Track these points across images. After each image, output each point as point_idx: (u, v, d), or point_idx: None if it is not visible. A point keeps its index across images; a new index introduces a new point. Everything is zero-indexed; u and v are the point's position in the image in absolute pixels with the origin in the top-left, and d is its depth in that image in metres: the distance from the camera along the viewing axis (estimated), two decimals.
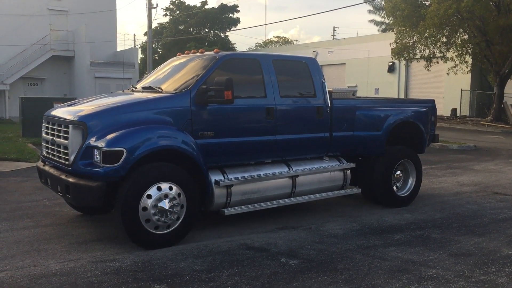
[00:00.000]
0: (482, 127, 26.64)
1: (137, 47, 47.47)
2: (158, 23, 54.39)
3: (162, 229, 5.86)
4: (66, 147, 5.92)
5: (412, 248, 5.97)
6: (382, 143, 7.86)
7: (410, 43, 28.13)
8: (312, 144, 7.38)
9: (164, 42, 52.05)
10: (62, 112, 6.35)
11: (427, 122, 8.62)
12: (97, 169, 5.57)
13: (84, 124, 5.74)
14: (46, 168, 6.51)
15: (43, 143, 6.69)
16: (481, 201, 8.69)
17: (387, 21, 59.01)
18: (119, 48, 34.08)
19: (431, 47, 27.44)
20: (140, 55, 41.09)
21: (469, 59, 28.01)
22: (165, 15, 54.33)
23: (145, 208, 5.71)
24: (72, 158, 5.79)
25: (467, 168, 12.71)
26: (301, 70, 7.39)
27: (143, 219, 5.71)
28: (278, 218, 7.29)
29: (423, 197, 8.88)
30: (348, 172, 7.76)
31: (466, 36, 27.14)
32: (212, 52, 6.97)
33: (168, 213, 5.81)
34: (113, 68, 26.40)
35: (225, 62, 6.65)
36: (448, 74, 28.21)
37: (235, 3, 53.18)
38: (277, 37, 69.12)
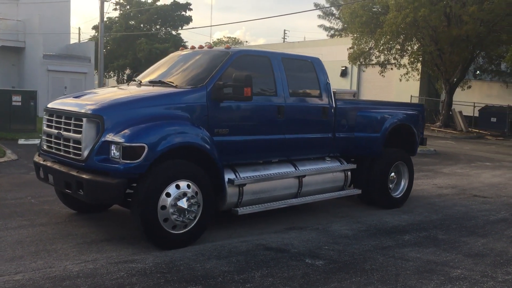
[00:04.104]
0: (433, 132, 27.66)
1: (83, 41, 45.91)
2: (107, 17, 52.80)
3: (179, 228, 5.64)
4: (77, 142, 5.57)
5: (427, 249, 6.06)
6: (381, 145, 7.96)
7: (366, 49, 28.80)
8: (317, 144, 7.36)
9: (114, 37, 50.62)
10: (70, 104, 5.97)
11: (419, 125, 8.81)
12: (116, 166, 5.28)
13: (101, 117, 5.43)
14: (48, 163, 6.11)
15: (44, 137, 6.26)
16: (466, 203, 8.98)
17: (335, 26, 60.48)
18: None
19: (386, 53, 28.21)
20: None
21: (419, 66, 29.00)
22: (115, 9, 52.88)
23: (163, 207, 5.47)
24: (85, 153, 5.45)
25: (436, 171, 13.12)
26: (308, 69, 7.36)
27: (161, 218, 5.48)
28: (280, 218, 7.19)
29: (410, 198, 9.04)
30: (349, 173, 7.80)
31: (417, 45, 28.09)
32: (222, 48, 6.80)
33: (187, 212, 5.60)
34: (67, 61, 25.30)
35: (238, 58, 6.50)
36: (400, 80, 29.08)
37: (188, 1, 52.41)
38: (228, 37, 68.92)
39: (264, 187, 6.62)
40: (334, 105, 7.46)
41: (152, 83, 6.57)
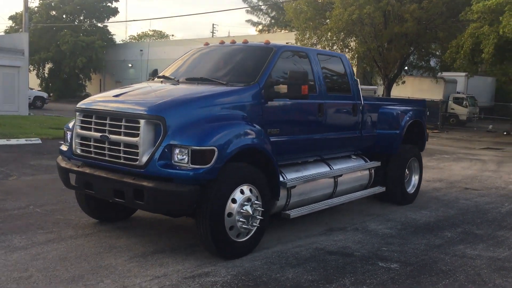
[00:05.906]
0: None
1: None
2: None
3: (242, 236, 5.29)
4: (132, 146, 5.00)
5: (477, 245, 6.11)
6: (399, 142, 7.97)
7: (309, 45, 29.12)
8: (348, 142, 7.23)
9: (34, 28, 47.62)
10: (114, 104, 5.35)
11: (425, 121, 8.94)
12: (184, 171, 4.81)
13: (162, 118, 4.91)
14: (87, 170, 5.47)
15: (76, 140, 5.56)
16: (467, 197, 9.23)
17: (263, 22, 60.81)
18: None
19: (329, 49, 28.71)
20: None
21: (356, 61, 29.82)
22: None
23: (230, 214, 5.09)
24: (144, 158, 4.90)
25: None
26: (338, 66, 7.19)
27: (228, 226, 5.10)
28: (311, 219, 6.90)
29: None
30: (373, 171, 7.73)
31: (356, 42, 28.82)
32: (261, 43, 6.46)
33: (251, 218, 5.24)
34: None
35: (282, 54, 6.19)
36: None
37: None
38: (153, 30, 67.27)
39: (308, 188, 6.38)
40: (362, 103, 7.36)
41: (194, 80, 6.05)
